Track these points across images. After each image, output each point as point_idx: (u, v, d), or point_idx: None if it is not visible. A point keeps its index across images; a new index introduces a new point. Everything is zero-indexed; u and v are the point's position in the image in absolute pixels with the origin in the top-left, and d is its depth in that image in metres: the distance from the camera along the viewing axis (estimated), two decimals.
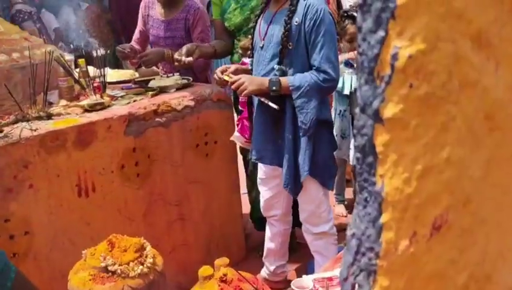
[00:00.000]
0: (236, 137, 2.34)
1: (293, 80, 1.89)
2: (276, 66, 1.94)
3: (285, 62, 1.94)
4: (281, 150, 2.05)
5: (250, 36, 2.13)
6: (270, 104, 1.94)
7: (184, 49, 2.36)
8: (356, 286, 0.49)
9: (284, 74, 1.94)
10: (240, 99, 2.36)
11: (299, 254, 2.63)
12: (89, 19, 5.83)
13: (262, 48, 2.01)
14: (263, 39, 2.01)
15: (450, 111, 0.44)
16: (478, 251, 0.53)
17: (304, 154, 1.98)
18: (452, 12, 0.42)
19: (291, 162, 2.00)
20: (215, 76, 2.05)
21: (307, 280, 1.37)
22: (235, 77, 1.96)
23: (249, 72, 2.09)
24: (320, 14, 1.88)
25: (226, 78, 1.98)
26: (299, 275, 2.41)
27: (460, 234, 0.49)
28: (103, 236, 1.74)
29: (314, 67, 1.90)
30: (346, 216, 3.05)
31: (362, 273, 0.48)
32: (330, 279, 1.40)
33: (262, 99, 1.96)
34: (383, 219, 0.46)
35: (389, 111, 0.43)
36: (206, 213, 2.49)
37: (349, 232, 0.49)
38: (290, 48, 1.92)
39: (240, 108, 2.37)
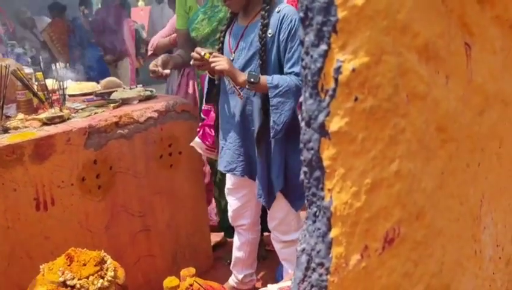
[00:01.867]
0: (197, 143, 2.31)
1: (271, 78, 1.87)
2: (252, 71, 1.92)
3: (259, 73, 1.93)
4: (252, 162, 2.03)
5: (215, 47, 2.12)
6: (237, 89, 1.92)
7: (160, 60, 2.35)
8: None
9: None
10: (203, 107, 2.34)
11: (267, 261, 2.63)
12: (54, 33, 5.75)
13: (232, 61, 1.99)
14: (233, 52, 1.99)
15: (399, 124, 0.44)
16: (434, 262, 0.53)
17: (277, 168, 1.97)
18: (396, 26, 0.42)
19: (264, 174, 1.98)
20: (193, 54, 1.98)
21: (273, 288, 1.35)
22: (216, 53, 1.92)
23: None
24: (295, 23, 1.88)
25: (207, 56, 1.92)
26: (267, 283, 2.41)
27: (414, 246, 0.49)
28: (64, 250, 1.69)
29: (294, 73, 1.88)
30: None
31: (313, 289, 0.47)
32: None
33: (232, 84, 1.93)
34: (332, 233, 0.45)
35: (335, 125, 0.42)
36: (172, 223, 2.45)
37: (299, 248, 0.49)
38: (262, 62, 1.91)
39: (202, 116, 2.35)
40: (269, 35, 1.89)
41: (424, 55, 0.46)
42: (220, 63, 1.86)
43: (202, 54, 1.91)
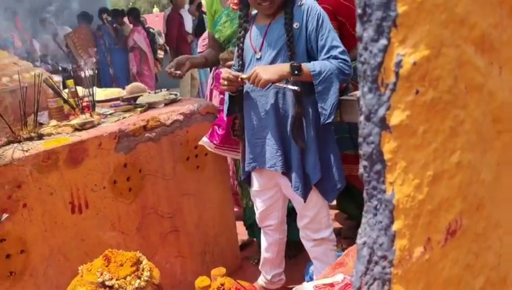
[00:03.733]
0: (205, 142, 2.35)
1: (313, 65, 1.87)
2: (290, 83, 1.91)
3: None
4: (288, 156, 2.03)
5: (230, 49, 2.14)
6: (290, 86, 1.91)
7: (174, 61, 2.44)
8: None
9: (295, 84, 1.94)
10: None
11: (295, 260, 2.63)
12: (79, 39, 5.89)
13: (259, 59, 2.00)
14: (259, 51, 2.00)
15: (458, 115, 0.44)
16: (493, 255, 0.53)
17: (313, 160, 1.96)
18: (454, 18, 0.42)
19: (300, 166, 1.98)
20: (227, 75, 1.99)
21: (308, 286, 1.36)
22: (249, 72, 1.94)
23: None
24: (321, 13, 1.92)
25: (244, 76, 1.94)
26: (296, 282, 2.41)
27: (475, 238, 0.49)
28: (98, 251, 1.73)
29: (332, 56, 1.89)
30: None
31: (376, 282, 0.48)
32: (331, 285, 1.40)
33: (280, 84, 1.92)
34: (396, 226, 0.46)
35: (396, 118, 0.43)
36: (200, 224, 2.48)
37: (359, 241, 0.49)
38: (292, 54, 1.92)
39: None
40: (296, 28, 1.91)
41: (480, 47, 0.46)
42: (260, 77, 1.87)
43: (242, 77, 1.95)
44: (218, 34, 2.53)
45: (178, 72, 2.42)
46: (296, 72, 1.85)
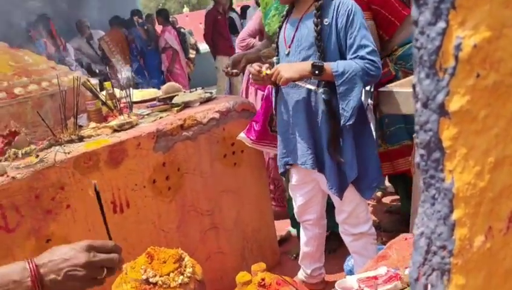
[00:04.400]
0: (242, 137, 2.36)
1: (336, 65, 1.84)
2: (321, 90, 1.90)
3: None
4: (321, 154, 2.02)
5: (273, 45, 2.14)
6: (308, 85, 1.91)
7: (230, 60, 2.58)
8: (429, 286, 0.47)
9: (326, 95, 1.91)
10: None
11: (335, 255, 2.61)
12: (113, 42, 6.01)
13: (288, 54, 1.99)
14: (289, 46, 1.99)
15: None
16: None
17: (349, 157, 1.94)
18: None
19: (334, 165, 1.96)
20: (251, 69, 2.01)
21: (351, 280, 1.35)
22: (273, 69, 1.94)
23: None
24: (352, 8, 1.87)
25: (268, 72, 1.95)
26: (336, 276, 2.39)
27: None
28: (140, 249, 1.76)
29: (358, 56, 1.86)
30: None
31: (435, 272, 0.47)
32: (375, 278, 1.38)
33: (299, 83, 1.92)
34: (456, 215, 0.44)
35: (455, 104, 0.42)
36: (238, 220, 2.49)
37: (416, 232, 0.48)
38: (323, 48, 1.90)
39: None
40: (326, 24, 1.88)
41: None
42: (281, 75, 1.87)
43: (262, 72, 1.94)
44: (267, 28, 2.55)
45: (235, 70, 2.47)
46: (317, 72, 1.83)
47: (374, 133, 2.11)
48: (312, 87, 1.90)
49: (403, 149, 2.51)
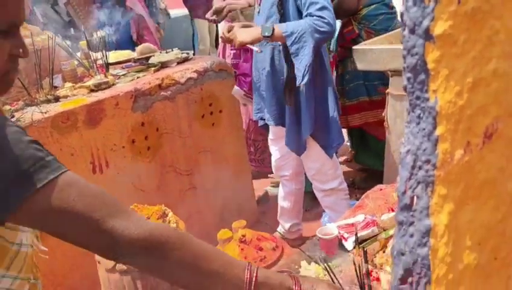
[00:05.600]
0: (236, 90, 2.41)
1: (285, 26, 1.89)
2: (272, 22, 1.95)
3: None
4: (284, 110, 2.08)
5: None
6: (252, 47, 1.99)
7: (213, 8, 2.62)
8: (415, 198, 0.53)
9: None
10: (231, 62, 2.53)
11: (312, 212, 2.70)
12: (79, 6, 5.78)
13: (259, 13, 2.03)
14: (259, 4, 2.03)
15: (494, 25, 0.47)
16: None
17: (307, 114, 2.01)
18: None
19: (293, 121, 2.03)
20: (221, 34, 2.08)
21: (332, 227, 1.42)
22: (230, 32, 1.98)
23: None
24: None
25: (226, 34, 2.01)
26: (313, 232, 2.49)
27: (507, 143, 0.53)
28: None
29: (308, 14, 1.88)
30: None
31: (420, 185, 0.52)
32: (353, 225, 1.46)
33: (250, 46, 1.99)
34: (438, 131, 0.49)
35: (439, 28, 0.46)
36: (217, 180, 2.54)
37: (403, 150, 0.53)
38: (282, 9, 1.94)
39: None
40: None
41: None
42: (235, 40, 1.94)
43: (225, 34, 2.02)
44: None
45: (214, 17, 2.48)
46: (266, 33, 1.87)
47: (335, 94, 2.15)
48: (256, 49, 1.98)
49: (359, 105, 2.62)
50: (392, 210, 1.50)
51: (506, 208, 0.55)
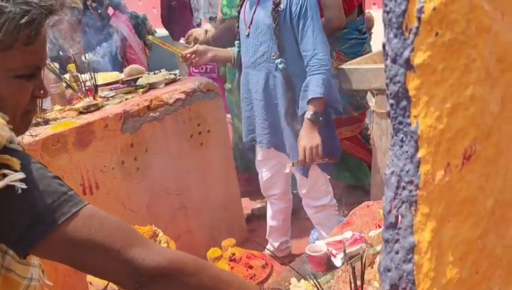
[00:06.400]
0: None
1: (319, 92, 1.90)
2: (278, 60, 1.97)
3: (277, 50, 1.98)
4: (277, 134, 2.10)
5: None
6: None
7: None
8: (399, 216, 0.55)
9: (284, 65, 1.99)
10: None
11: (301, 228, 2.72)
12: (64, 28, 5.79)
13: (248, 35, 2.05)
14: (248, 27, 2.05)
15: (471, 54, 0.51)
16: (500, 179, 0.60)
17: None
18: None
19: (295, 145, 2.05)
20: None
21: (320, 244, 1.44)
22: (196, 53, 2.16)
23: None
24: None
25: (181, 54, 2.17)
26: (302, 249, 2.50)
27: (485, 163, 0.56)
28: None
29: (310, 55, 1.91)
30: None
31: (404, 204, 0.55)
32: (341, 242, 1.48)
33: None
34: (420, 153, 0.53)
35: (419, 58, 0.50)
36: (207, 199, 2.55)
37: (388, 171, 0.56)
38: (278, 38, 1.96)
39: None
40: (281, 10, 1.93)
41: None
42: (197, 61, 2.12)
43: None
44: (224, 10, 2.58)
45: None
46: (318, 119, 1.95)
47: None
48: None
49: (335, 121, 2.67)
50: (379, 226, 1.53)
51: (485, 225, 0.59)
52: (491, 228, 0.60)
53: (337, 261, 1.39)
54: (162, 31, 7.87)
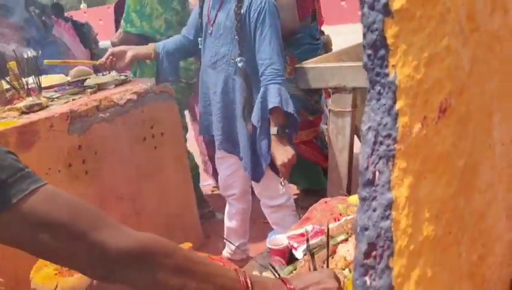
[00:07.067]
0: None
1: (278, 102, 1.86)
2: (238, 59, 1.93)
3: (237, 53, 1.95)
4: (230, 137, 2.07)
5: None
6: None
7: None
8: (377, 173, 0.54)
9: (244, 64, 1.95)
10: None
11: (258, 231, 2.68)
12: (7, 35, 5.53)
13: (211, 34, 2.02)
14: (212, 25, 2.02)
15: (446, 3, 0.50)
16: (469, 142, 0.60)
17: (265, 143, 2.00)
18: None
19: (249, 149, 2.03)
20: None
21: (281, 237, 1.41)
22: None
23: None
24: (265, 5, 1.88)
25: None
26: (260, 251, 2.46)
27: (458, 120, 0.56)
28: None
29: (266, 64, 1.89)
30: None
31: (381, 160, 0.53)
32: (303, 235, 1.46)
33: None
34: (398, 105, 0.51)
35: (397, 3, 0.48)
36: (161, 204, 2.47)
37: (364, 127, 0.54)
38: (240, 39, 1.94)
39: None
40: (241, 13, 1.91)
41: None
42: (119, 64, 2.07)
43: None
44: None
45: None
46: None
47: None
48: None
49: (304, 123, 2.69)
50: (339, 220, 1.52)
51: (457, 185, 0.58)
52: (461, 190, 0.60)
53: (299, 253, 1.37)
54: (106, 43, 7.69)
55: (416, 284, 0.54)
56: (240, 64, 1.92)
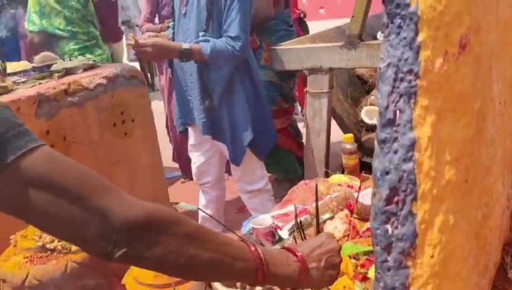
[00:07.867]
0: None
1: (205, 49, 1.85)
2: (201, 33, 1.90)
3: (209, 29, 1.91)
4: (214, 121, 2.02)
5: None
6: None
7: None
8: (397, 111, 0.51)
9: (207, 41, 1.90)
10: None
11: (232, 221, 2.65)
12: None
13: (184, 15, 1.96)
14: (185, 5, 1.96)
15: None
16: (482, 86, 0.58)
17: (243, 122, 1.97)
18: None
19: (228, 129, 1.99)
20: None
21: (266, 217, 1.38)
22: (145, 40, 1.88)
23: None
24: None
25: (140, 41, 1.87)
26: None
27: (476, 59, 0.54)
28: (26, 227, 1.58)
29: (228, 35, 1.88)
30: None
31: (402, 98, 0.51)
32: (286, 215, 1.44)
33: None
34: (420, 37, 0.49)
35: None
36: (132, 193, 2.34)
37: (383, 65, 0.52)
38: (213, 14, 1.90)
39: None
40: None
41: None
42: (147, 55, 1.92)
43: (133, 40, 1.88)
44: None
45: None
46: (184, 59, 1.89)
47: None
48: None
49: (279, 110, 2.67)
50: (321, 199, 1.51)
51: (474, 127, 0.57)
52: (476, 136, 0.58)
53: (284, 233, 1.34)
54: None
55: (439, 231, 0.52)
56: (202, 39, 1.88)
